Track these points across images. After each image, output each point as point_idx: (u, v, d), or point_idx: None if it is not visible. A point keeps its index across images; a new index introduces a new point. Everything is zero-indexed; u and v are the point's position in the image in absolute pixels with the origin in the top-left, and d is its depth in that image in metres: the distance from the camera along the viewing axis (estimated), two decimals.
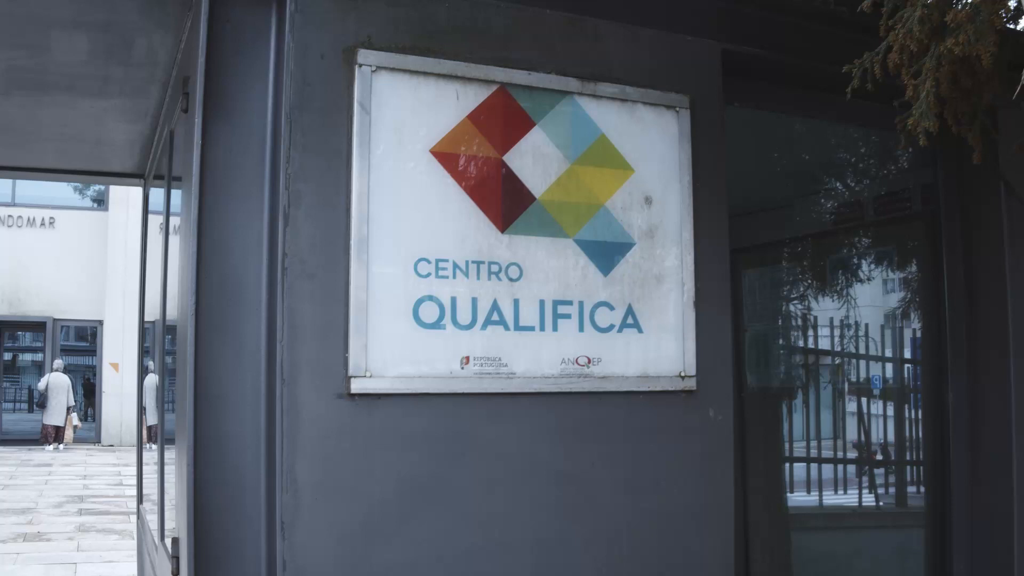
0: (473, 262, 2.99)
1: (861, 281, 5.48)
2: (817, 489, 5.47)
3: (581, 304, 3.17)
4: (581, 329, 3.16)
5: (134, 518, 14.27)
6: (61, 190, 27.40)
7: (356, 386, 2.75)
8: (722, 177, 3.57)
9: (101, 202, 27.26)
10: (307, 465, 2.67)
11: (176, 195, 3.96)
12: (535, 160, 3.18)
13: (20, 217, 26.42)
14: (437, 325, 2.90)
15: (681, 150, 3.46)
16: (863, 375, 5.55)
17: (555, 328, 3.11)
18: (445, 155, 3.02)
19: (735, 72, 3.68)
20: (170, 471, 3.63)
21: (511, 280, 3.05)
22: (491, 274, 3.02)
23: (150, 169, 5.10)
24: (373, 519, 2.75)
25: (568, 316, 3.14)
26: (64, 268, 26.32)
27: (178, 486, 2.97)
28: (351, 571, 2.71)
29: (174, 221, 4.19)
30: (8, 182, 26.59)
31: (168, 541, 3.20)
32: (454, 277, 2.96)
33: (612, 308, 3.23)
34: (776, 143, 5.23)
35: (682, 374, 3.33)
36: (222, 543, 2.67)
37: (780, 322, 5.63)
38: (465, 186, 3.03)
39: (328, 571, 2.68)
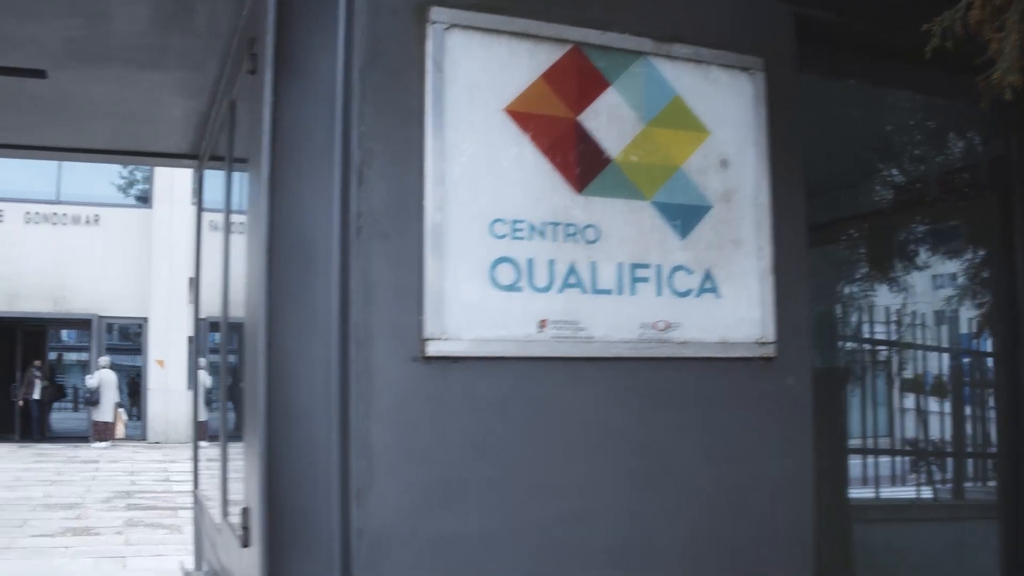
0: (549, 223, 2.91)
1: (927, 262, 5.34)
2: (875, 481, 5.33)
3: (658, 268, 3.08)
4: (659, 293, 3.07)
5: (182, 513, 14.34)
6: (105, 188, 27.63)
7: (431, 349, 2.67)
8: (797, 142, 3.47)
9: (145, 199, 27.44)
10: (382, 430, 2.60)
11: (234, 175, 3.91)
12: (610, 121, 3.10)
13: (65, 215, 26.63)
14: (514, 287, 2.82)
15: (756, 113, 3.37)
16: (928, 361, 5.40)
17: (633, 292, 3.02)
18: (519, 115, 2.94)
19: (805, 37, 3.58)
20: (233, 447, 3.59)
21: (588, 242, 2.97)
22: (568, 235, 2.93)
23: (204, 149, 5.04)
24: (448, 486, 2.67)
25: (646, 279, 3.05)
26: (109, 266, 26.50)
27: (248, 455, 2.90)
28: (426, 539, 2.63)
29: (233, 201, 4.14)
30: (53, 180, 26.83)
31: (235, 515, 3.14)
32: (530, 238, 2.87)
33: (690, 272, 3.14)
34: (843, 116, 5.11)
35: (761, 340, 3.23)
36: (295, 511, 2.60)
37: (841, 304, 5.50)
38: (540, 146, 2.95)
39: (403, 539, 2.60)
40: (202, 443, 5.11)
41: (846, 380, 5.21)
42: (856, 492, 5.16)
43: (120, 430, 25.11)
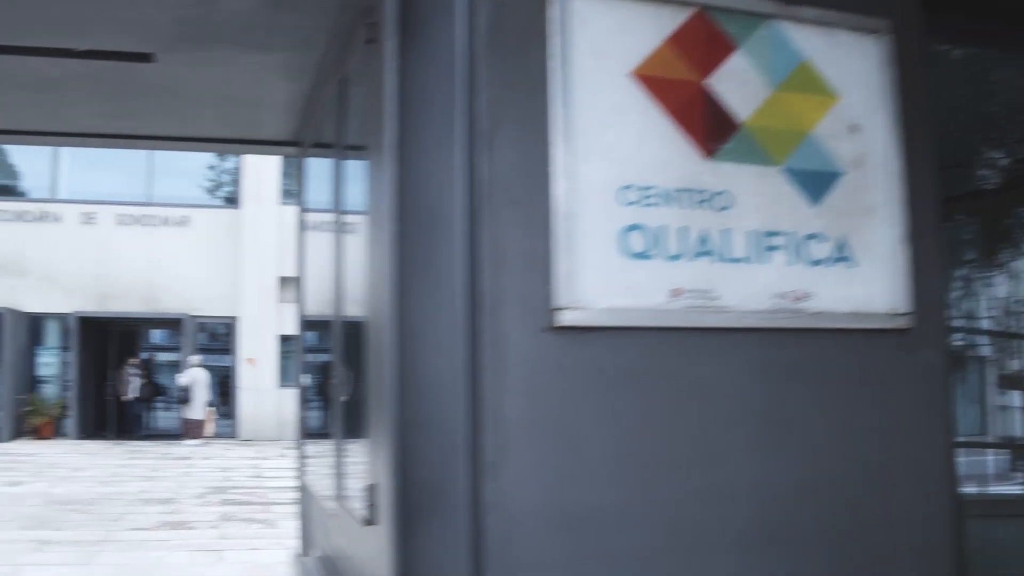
0: (679, 190, 2.81)
1: None
2: (982, 477, 5.12)
3: (790, 236, 2.97)
4: (792, 262, 2.95)
5: (276, 508, 14.48)
6: (193, 189, 28.11)
7: (562, 319, 2.59)
8: (927, 108, 3.33)
9: (233, 200, 27.83)
10: (513, 402, 2.52)
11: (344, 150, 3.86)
12: (737, 85, 3.00)
13: (155, 216, 27.13)
14: (644, 255, 2.73)
15: (884, 77, 3.24)
16: None
17: (765, 260, 2.91)
18: (645, 78, 2.85)
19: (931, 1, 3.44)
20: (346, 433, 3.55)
21: (719, 209, 2.86)
22: (698, 202, 2.84)
23: (307, 135, 5.01)
24: (581, 460, 2.59)
25: (778, 248, 2.94)
26: (198, 266, 26.95)
27: (375, 432, 2.84)
28: (557, 514, 2.56)
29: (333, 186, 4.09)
30: (143, 182, 27.35)
31: (354, 498, 3.09)
32: (660, 205, 2.78)
33: (822, 240, 3.02)
34: (970, 83, 4.92)
35: (896, 312, 3.10)
36: (423, 486, 2.54)
37: (958, 287, 5.30)
38: (667, 111, 2.86)
39: (536, 513, 2.53)
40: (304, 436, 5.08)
41: (957, 368, 5.01)
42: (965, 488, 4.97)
43: (210, 428, 25.49)
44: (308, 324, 5.14)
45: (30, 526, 12.71)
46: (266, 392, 26.55)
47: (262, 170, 27.21)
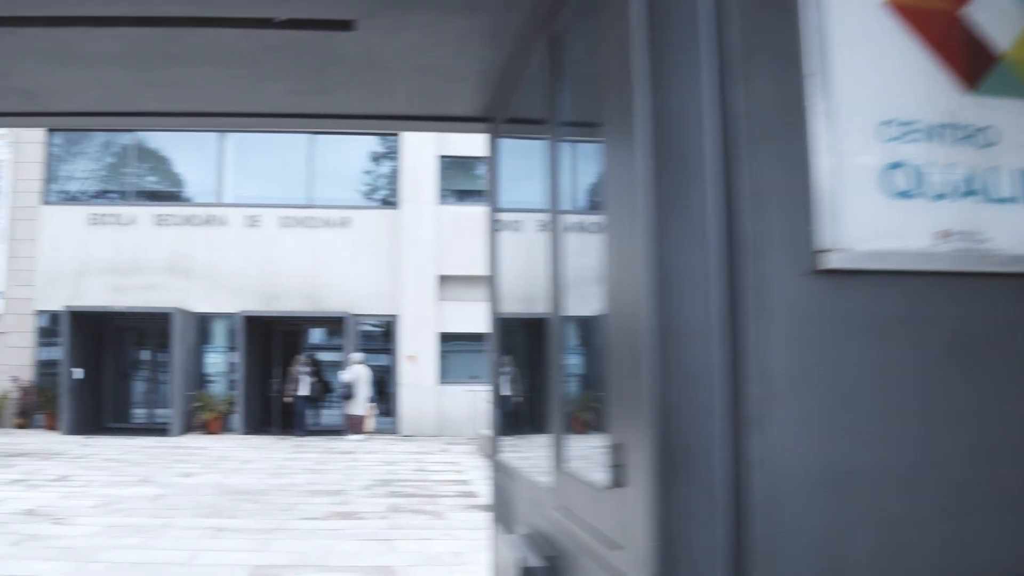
0: (940, 125, 2.58)
1: None
2: None
3: None
4: None
5: (443, 501, 14.56)
6: (353, 191, 28.63)
7: (826, 261, 2.39)
8: None
9: (392, 201, 28.23)
10: (778, 351, 2.33)
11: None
12: (995, 15, 2.74)
13: (316, 218, 27.74)
14: (908, 194, 2.51)
15: None
16: None
17: None
18: (900, 7, 2.63)
19: None
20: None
21: (983, 145, 2.62)
22: (961, 138, 2.60)
23: (498, 109, 4.89)
24: (847, 414, 2.38)
25: None
26: (359, 265, 27.46)
27: (620, 388, 2.67)
28: (825, 472, 2.35)
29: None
30: (303, 184, 27.99)
31: (587, 462, 2.94)
32: (921, 141, 2.55)
33: None
34: None
35: None
36: (682, 442, 2.36)
37: None
38: (922, 42, 2.63)
39: (802, 471, 2.33)
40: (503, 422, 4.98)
41: None
42: None
43: (371, 424, 25.89)
44: (503, 322, 5.01)
45: (206, 514, 13.06)
46: (426, 389, 26.85)
47: (420, 171, 27.57)
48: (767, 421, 2.29)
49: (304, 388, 26.13)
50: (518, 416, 4.88)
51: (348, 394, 25.20)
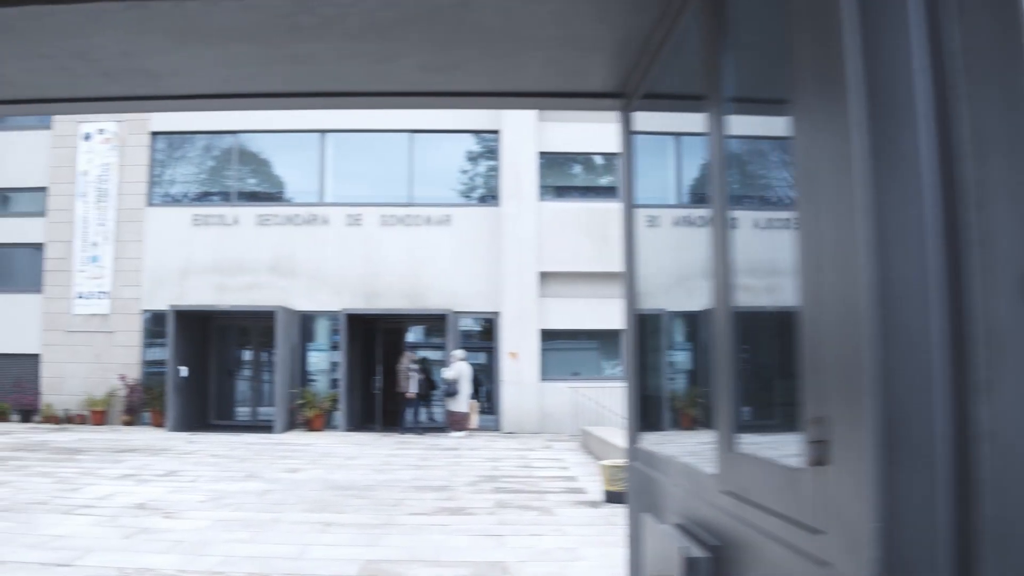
0: None
1: None
2: None
3: None
4: None
5: (550, 497, 14.38)
6: (453, 189, 28.64)
7: None
8: None
9: (493, 198, 28.18)
10: (1006, 308, 2.09)
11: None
12: None
13: (418, 216, 27.81)
14: None
15: None
16: None
17: None
18: None
19: None
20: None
21: None
22: None
23: (634, 84, 4.65)
24: None
25: None
26: (460, 263, 27.47)
27: (819, 354, 2.45)
28: None
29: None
30: (404, 183, 28.08)
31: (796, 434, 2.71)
32: None
33: None
34: None
35: None
36: (899, 412, 2.13)
37: None
38: None
39: None
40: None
41: None
42: None
43: (474, 421, 25.86)
44: (643, 319, 4.78)
45: (313, 509, 13.06)
46: (528, 386, 26.72)
47: (521, 168, 27.47)
48: (996, 387, 2.05)
49: (414, 386, 26.16)
50: (660, 405, 4.67)
51: (451, 391, 25.19)
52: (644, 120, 4.60)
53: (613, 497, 13.57)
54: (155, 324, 28.36)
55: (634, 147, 4.73)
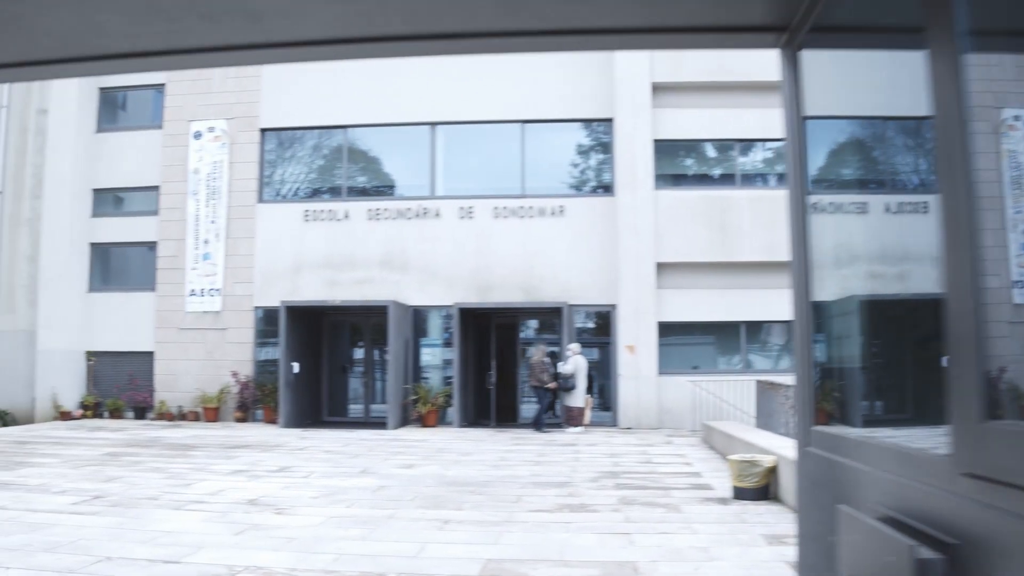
0: None
1: None
2: None
3: None
4: None
5: (675, 493, 13.74)
6: (566, 180, 28.13)
7: None
8: None
9: (607, 188, 27.58)
10: None
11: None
12: None
13: (531, 208, 27.35)
14: None
15: None
16: None
17: None
18: None
19: None
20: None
21: None
22: None
23: (804, 14, 3.81)
24: None
25: None
26: (574, 255, 26.96)
27: None
28: None
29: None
30: (516, 174, 27.66)
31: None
32: None
33: None
34: None
35: None
36: None
37: None
38: None
39: None
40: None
41: None
42: None
43: (587, 416, 25.31)
44: (819, 308, 4.11)
45: (430, 506, 12.66)
46: (646, 380, 26.05)
47: (636, 156, 26.81)
48: None
49: (549, 380, 25.26)
50: (853, 384, 4.02)
51: (568, 385, 24.58)
52: (817, 63, 3.68)
53: (742, 493, 12.97)
54: (267, 321, 28.39)
55: (801, 98, 3.82)
